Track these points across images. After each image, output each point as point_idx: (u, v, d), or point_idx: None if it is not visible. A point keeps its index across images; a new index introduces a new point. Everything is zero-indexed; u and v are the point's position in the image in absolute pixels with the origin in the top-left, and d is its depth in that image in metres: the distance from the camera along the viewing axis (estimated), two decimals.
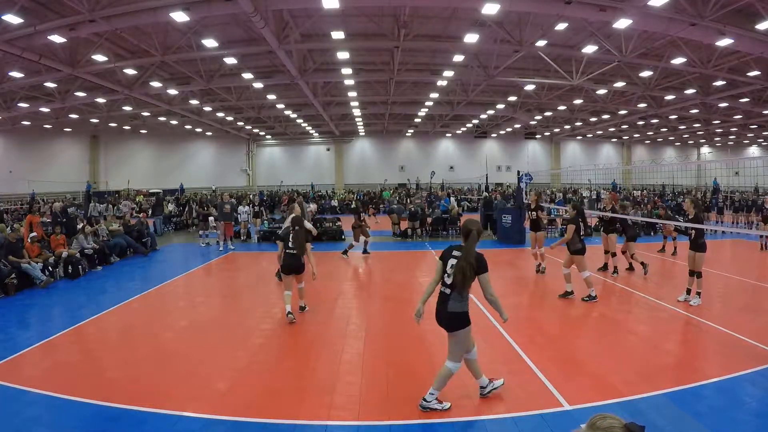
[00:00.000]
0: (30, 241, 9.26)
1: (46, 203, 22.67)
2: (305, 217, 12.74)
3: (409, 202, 21.90)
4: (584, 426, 1.42)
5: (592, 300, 7.34)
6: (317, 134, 38.76)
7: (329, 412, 3.95)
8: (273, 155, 41.39)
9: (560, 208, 17.68)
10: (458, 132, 38.65)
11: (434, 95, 23.37)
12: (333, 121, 31.59)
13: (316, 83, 21.89)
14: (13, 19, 11.65)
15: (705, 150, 45.84)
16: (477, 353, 4.11)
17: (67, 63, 15.76)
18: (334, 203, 28.16)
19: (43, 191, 29.47)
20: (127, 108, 24.79)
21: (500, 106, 26.64)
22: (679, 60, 16.73)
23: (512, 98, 24.71)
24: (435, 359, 4.86)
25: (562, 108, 27.91)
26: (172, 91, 20.87)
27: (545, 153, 42.93)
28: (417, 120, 32.47)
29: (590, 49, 15.94)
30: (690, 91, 21.41)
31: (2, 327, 6.38)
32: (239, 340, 5.79)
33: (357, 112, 28.77)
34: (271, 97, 23.67)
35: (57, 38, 13.14)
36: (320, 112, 25.85)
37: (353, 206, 13.78)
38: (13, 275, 8.30)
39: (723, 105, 24.38)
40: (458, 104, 26.20)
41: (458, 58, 17.14)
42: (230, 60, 16.86)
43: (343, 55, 16.58)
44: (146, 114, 27.84)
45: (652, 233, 15.95)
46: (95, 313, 6.98)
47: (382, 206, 25.76)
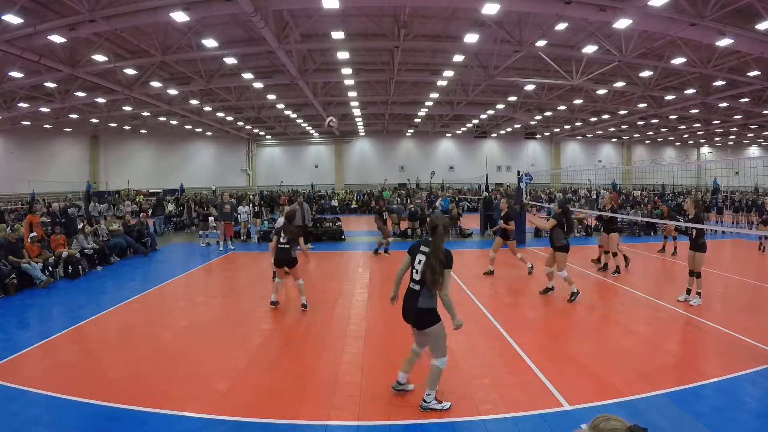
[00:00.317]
0: (30, 241, 9.27)
1: (46, 205, 22.63)
2: (305, 218, 12.80)
3: (409, 202, 21.89)
4: (586, 427, 1.40)
5: (577, 296, 7.43)
6: (317, 134, 38.75)
7: (329, 412, 3.95)
8: (273, 155, 41.36)
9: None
10: (458, 132, 38.60)
11: (434, 95, 23.34)
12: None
13: (316, 83, 21.87)
14: (13, 19, 11.62)
15: (705, 150, 45.82)
16: (424, 354, 4.15)
17: (67, 63, 15.75)
18: (334, 203, 28.18)
19: (43, 191, 29.44)
20: (127, 108, 24.75)
21: (500, 106, 26.60)
22: (679, 60, 16.71)
23: (512, 98, 24.67)
24: None
25: (562, 108, 27.87)
26: (172, 91, 20.84)
27: (545, 153, 42.88)
28: (417, 120, 32.41)
29: (590, 49, 15.91)
30: (690, 91, 21.38)
31: (2, 327, 6.38)
32: (239, 340, 5.80)
33: (357, 112, 28.75)
34: (271, 97, 23.65)
35: (57, 38, 13.12)
36: (320, 113, 25.83)
37: (376, 207, 14.05)
38: (13, 275, 8.30)
39: (723, 105, 24.35)
40: (458, 104, 26.16)
41: (458, 58, 17.12)
42: (230, 60, 16.84)
43: (343, 55, 16.56)
44: (146, 114, 27.80)
45: (652, 233, 15.96)
46: (95, 313, 6.98)
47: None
